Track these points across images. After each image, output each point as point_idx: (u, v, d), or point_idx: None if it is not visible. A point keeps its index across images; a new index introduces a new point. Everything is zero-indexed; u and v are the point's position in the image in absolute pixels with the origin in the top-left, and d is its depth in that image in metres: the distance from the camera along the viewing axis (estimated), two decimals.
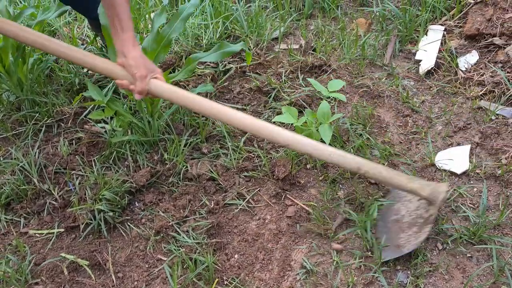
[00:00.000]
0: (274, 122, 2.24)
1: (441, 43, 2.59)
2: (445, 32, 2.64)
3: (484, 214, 1.81)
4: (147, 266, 1.82)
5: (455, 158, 2.03)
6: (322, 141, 2.06)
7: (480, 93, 2.29)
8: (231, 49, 2.07)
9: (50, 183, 2.06)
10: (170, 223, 1.90)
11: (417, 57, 2.56)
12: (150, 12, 3.00)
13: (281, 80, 2.46)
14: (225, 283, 1.74)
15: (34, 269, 1.81)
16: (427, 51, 2.55)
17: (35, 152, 2.17)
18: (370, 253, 1.76)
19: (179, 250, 1.82)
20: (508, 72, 2.29)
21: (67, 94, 2.46)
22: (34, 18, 2.41)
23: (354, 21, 2.87)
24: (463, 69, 2.43)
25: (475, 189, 1.93)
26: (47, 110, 2.35)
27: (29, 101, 2.37)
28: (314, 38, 2.77)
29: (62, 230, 1.93)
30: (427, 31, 2.67)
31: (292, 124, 2.04)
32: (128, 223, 1.94)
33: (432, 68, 2.48)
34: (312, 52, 2.66)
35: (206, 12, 2.81)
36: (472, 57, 2.46)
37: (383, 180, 1.71)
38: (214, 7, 2.81)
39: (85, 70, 2.62)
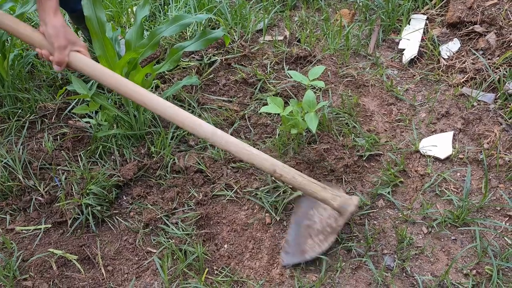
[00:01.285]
0: (260, 113, 2.26)
1: (424, 32, 2.62)
2: (427, 21, 2.67)
3: (467, 197, 1.85)
4: (136, 258, 1.82)
5: (439, 144, 2.06)
6: (309, 130, 2.09)
7: (462, 80, 2.33)
8: (214, 36, 2.06)
9: (36, 179, 2.04)
10: (159, 216, 1.90)
11: (400, 46, 2.59)
12: (132, 6, 2.98)
13: (266, 71, 2.46)
14: (215, 272, 1.75)
15: (22, 265, 1.80)
16: (410, 40, 2.58)
17: (19, 149, 2.15)
18: None
19: (169, 241, 1.82)
20: (489, 59, 2.33)
21: (49, 89, 2.44)
22: (14, 11, 2.37)
23: (337, 11, 2.89)
24: (445, 57, 2.47)
25: (458, 174, 1.97)
26: (29, 106, 2.33)
27: (11, 97, 2.35)
28: (299, 29, 2.78)
29: (50, 225, 1.92)
30: (410, 20, 2.70)
31: (278, 114, 2.04)
32: (117, 217, 1.94)
33: (415, 56, 2.51)
34: (297, 43, 2.67)
35: (189, 4, 2.80)
36: (454, 45, 2.49)
37: (297, 186, 1.69)
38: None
39: None
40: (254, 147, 2.07)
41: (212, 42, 2.09)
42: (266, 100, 2.31)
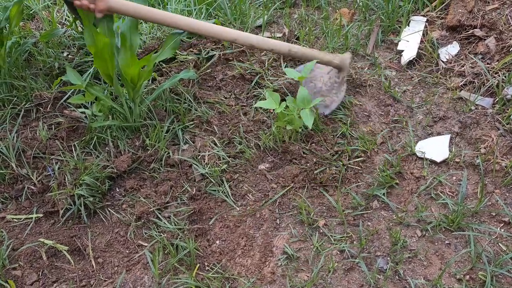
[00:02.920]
0: (256, 109, 2.24)
1: (423, 34, 2.61)
2: (427, 23, 2.67)
3: (463, 202, 1.85)
4: (127, 251, 1.80)
5: (435, 147, 2.06)
6: (304, 127, 2.08)
7: (460, 83, 2.32)
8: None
9: (29, 167, 2.02)
10: (151, 209, 1.88)
11: (399, 47, 2.58)
12: None
13: (264, 67, 2.45)
14: (207, 268, 1.74)
15: (12, 254, 1.78)
16: (409, 41, 2.57)
17: (13, 137, 2.12)
18: None
19: (161, 235, 1.81)
20: (487, 64, 2.33)
21: (46, 78, 2.42)
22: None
23: (337, 10, 2.87)
24: (444, 60, 2.46)
25: (454, 178, 1.97)
26: (25, 94, 2.30)
27: (7, 84, 2.32)
28: (298, 27, 2.77)
29: (41, 215, 1.90)
30: (409, 22, 2.69)
31: (274, 109, 2.03)
32: (109, 209, 1.92)
33: (413, 58, 2.50)
34: (296, 40, 2.65)
35: None
36: (453, 48, 2.49)
37: (309, 57, 2.16)
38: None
39: (65, 54, 2.57)
40: (247, 145, 2.07)
41: None
42: (263, 95, 2.30)
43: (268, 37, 2.68)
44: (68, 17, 2.88)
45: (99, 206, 1.92)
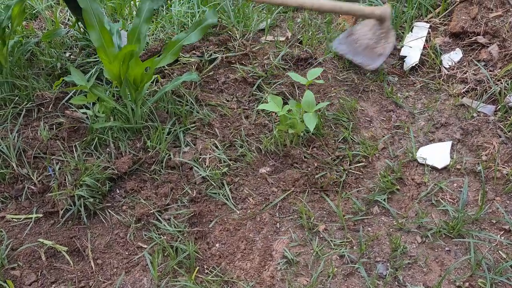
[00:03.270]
0: (258, 112, 2.24)
1: (426, 40, 2.61)
2: (430, 29, 2.66)
3: (463, 209, 1.84)
4: (127, 253, 1.80)
5: (437, 153, 2.05)
6: (306, 131, 2.08)
7: (463, 90, 2.32)
8: (209, 22, 2.06)
9: (29, 167, 2.02)
10: (152, 211, 1.88)
11: (402, 53, 2.57)
12: None
13: (266, 71, 2.45)
14: (206, 271, 1.73)
15: (11, 254, 1.78)
16: (412, 47, 2.57)
17: (14, 136, 2.12)
18: None
19: (160, 238, 1.80)
20: (490, 71, 2.32)
21: (48, 78, 2.42)
22: None
23: (340, 15, 2.87)
24: (447, 66, 2.46)
25: (455, 184, 1.96)
26: (27, 93, 2.30)
27: (9, 84, 2.32)
28: (301, 31, 2.77)
29: (41, 215, 1.90)
30: (413, 27, 2.69)
31: (276, 113, 2.03)
32: (109, 210, 1.92)
33: (416, 64, 2.50)
34: (299, 44, 2.65)
35: (192, 0, 2.78)
36: (456, 55, 2.49)
37: (350, 11, 2.32)
38: None
39: (67, 54, 2.58)
40: (248, 148, 2.07)
41: (208, 29, 2.10)
42: (264, 99, 2.30)
43: (271, 41, 2.68)
44: (71, 17, 2.88)
45: (99, 207, 1.92)
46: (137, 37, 2.00)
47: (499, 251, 1.73)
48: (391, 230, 1.83)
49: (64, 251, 1.79)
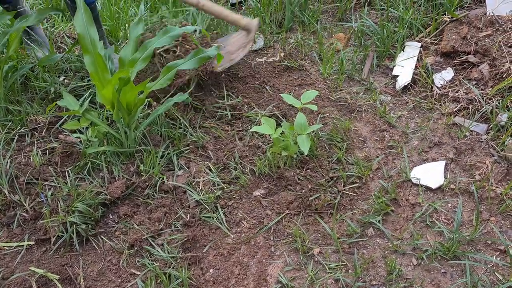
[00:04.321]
0: (252, 134, 2.24)
1: (418, 59, 2.63)
2: (421, 49, 2.69)
3: (458, 229, 1.83)
4: (119, 280, 1.78)
5: (431, 173, 2.05)
6: (299, 153, 2.07)
7: (455, 109, 2.33)
8: (207, 54, 2.06)
9: (21, 194, 2.00)
10: (145, 236, 1.86)
11: (394, 72, 2.59)
12: (130, 21, 2.98)
13: (260, 92, 2.45)
14: None
15: (2, 283, 1.75)
16: (404, 66, 2.59)
17: (7, 162, 2.11)
18: None
19: (153, 264, 1.78)
20: (481, 89, 2.34)
21: (41, 103, 2.42)
22: None
23: (333, 35, 2.90)
24: (439, 85, 2.47)
25: (449, 205, 1.96)
26: (20, 118, 2.30)
27: (2, 109, 2.32)
28: (294, 51, 2.79)
29: (33, 242, 1.87)
30: (404, 47, 2.72)
31: (269, 134, 2.03)
32: (101, 236, 1.90)
33: (408, 83, 2.51)
34: (292, 65, 2.66)
35: (189, 15, 2.81)
36: (447, 74, 2.50)
37: (215, 13, 2.38)
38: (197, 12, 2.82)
39: (61, 78, 2.58)
40: (242, 171, 2.06)
41: (205, 60, 2.08)
42: (256, 120, 2.30)
43: (265, 61, 2.70)
44: (67, 40, 2.89)
45: (91, 233, 1.90)
46: (130, 62, 2.01)
47: (495, 273, 1.72)
48: (386, 252, 1.82)
49: (55, 279, 1.76)
